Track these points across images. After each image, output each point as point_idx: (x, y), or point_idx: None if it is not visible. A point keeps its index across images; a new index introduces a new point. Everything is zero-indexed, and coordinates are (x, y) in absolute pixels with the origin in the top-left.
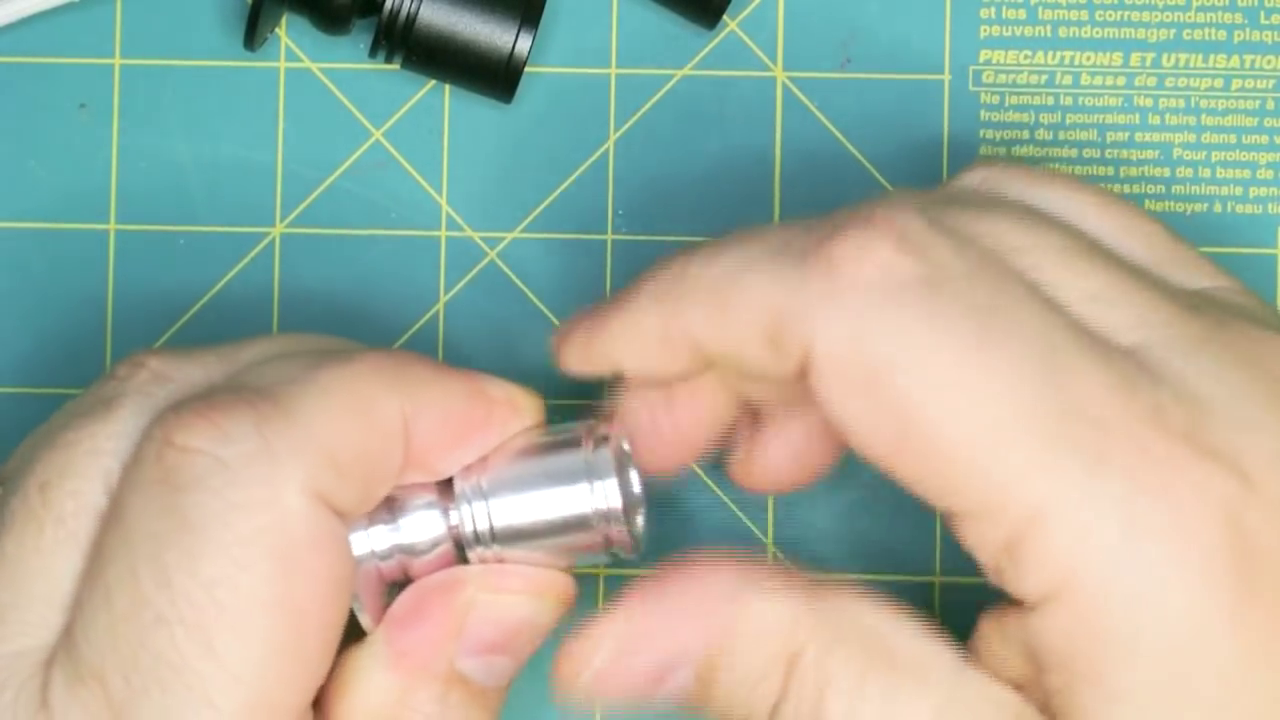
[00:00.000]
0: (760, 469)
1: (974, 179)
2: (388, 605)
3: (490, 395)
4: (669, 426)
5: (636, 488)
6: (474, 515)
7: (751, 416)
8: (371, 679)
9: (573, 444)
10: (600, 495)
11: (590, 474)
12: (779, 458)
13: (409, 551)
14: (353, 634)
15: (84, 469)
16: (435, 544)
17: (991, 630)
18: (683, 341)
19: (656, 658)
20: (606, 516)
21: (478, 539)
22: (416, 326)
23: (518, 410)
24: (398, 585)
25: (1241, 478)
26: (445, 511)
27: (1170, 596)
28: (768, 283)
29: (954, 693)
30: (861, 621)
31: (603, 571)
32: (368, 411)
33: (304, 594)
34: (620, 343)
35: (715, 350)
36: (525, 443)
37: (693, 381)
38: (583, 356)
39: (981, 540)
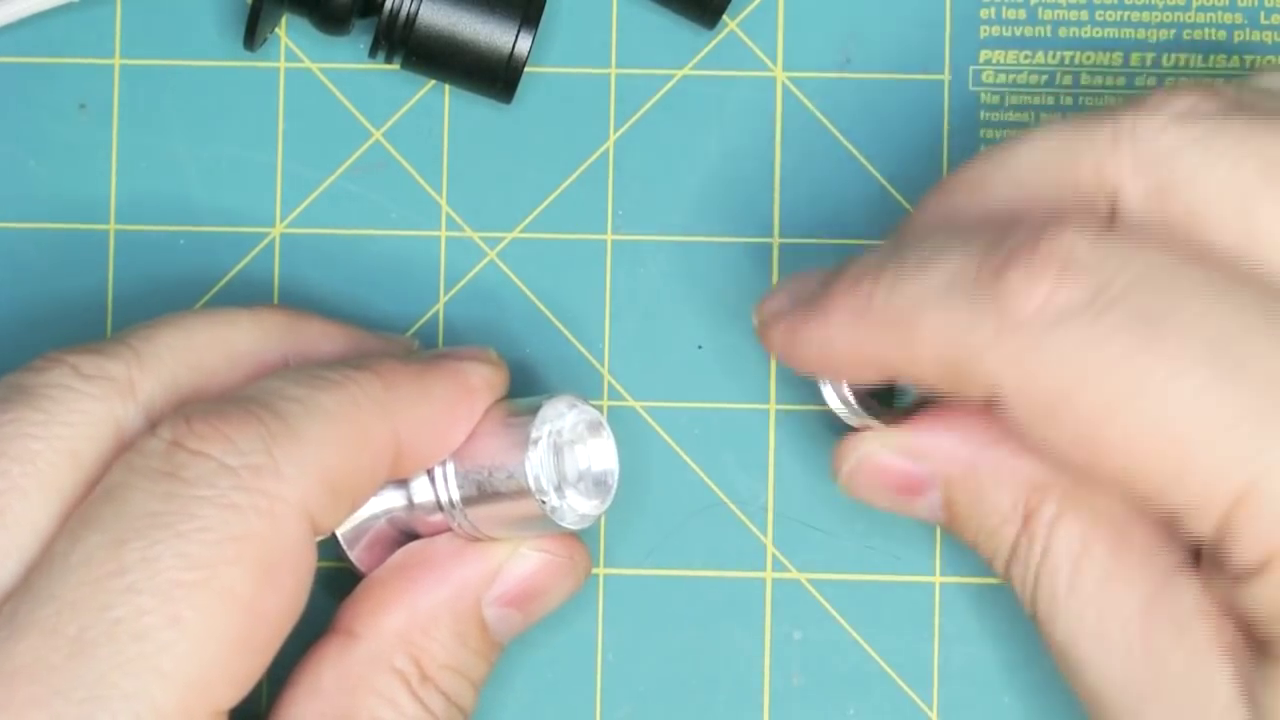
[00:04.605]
0: None
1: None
2: (385, 557)
3: (471, 386)
4: None
5: (588, 463)
6: (437, 487)
7: None
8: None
9: (522, 423)
10: (532, 465)
11: (524, 447)
12: None
13: (415, 510)
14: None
15: (8, 450)
16: (431, 508)
17: (1202, 576)
18: (872, 363)
19: (907, 470)
20: (538, 487)
21: (451, 505)
22: (416, 326)
23: (494, 390)
24: (404, 537)
25: None
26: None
27: None
28: (945, 323)
29: (1165, 590)
30: (1099, 501)
31: (602, 571)
32: (364, 439)
33: (270, 603)
34: (815, 355)
35: (904, 377)
36: (487, 419)
37: None
38: (782, 354)
39: (1194, 531)
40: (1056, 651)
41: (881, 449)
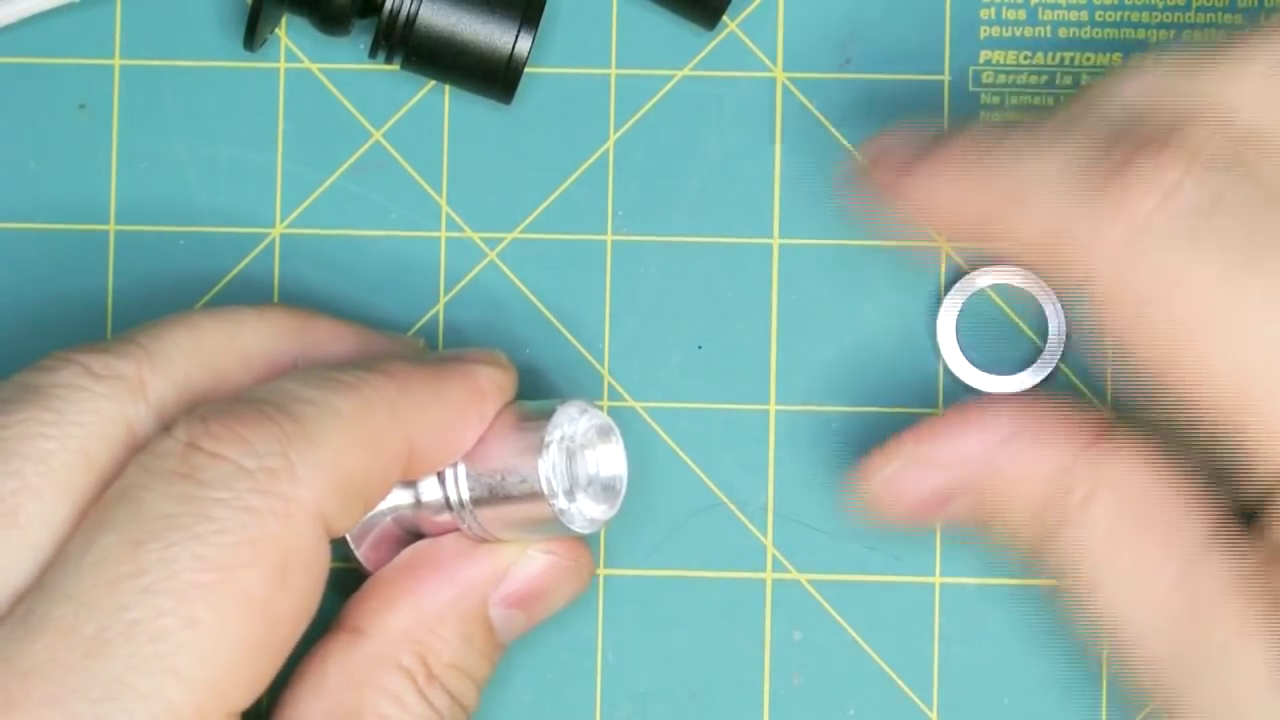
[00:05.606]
0: None
1: None
2: (391, 555)
3: (483, 390)
4: None
5: (597, 468)
6: (447, 488)
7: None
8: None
9: (535, 427)
10: (545, 469)
11: (538, 451)
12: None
13: (421, 509)
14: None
15: (20, 450)
16: (439, 508)
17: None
18: (974, 214)
19: (936, 484)
20: (550, 491)
21: (460, 505)
22: (416, 327)
23: (504, 393)
24: (409, 536)
25: None
26: (441, 480)
27: None
28: (1057, 205)
29: (1198, 563)
30: (1127, 477)
31: (603, 571)
32: (378, 442)
33: (284, 605)
34: (919, 192)
35: (1001, 242)
36: (499, 422)
37: None
38: (887, 191)
39: (1258, 469)
40: (1104, 632)
41: (905, 467)
